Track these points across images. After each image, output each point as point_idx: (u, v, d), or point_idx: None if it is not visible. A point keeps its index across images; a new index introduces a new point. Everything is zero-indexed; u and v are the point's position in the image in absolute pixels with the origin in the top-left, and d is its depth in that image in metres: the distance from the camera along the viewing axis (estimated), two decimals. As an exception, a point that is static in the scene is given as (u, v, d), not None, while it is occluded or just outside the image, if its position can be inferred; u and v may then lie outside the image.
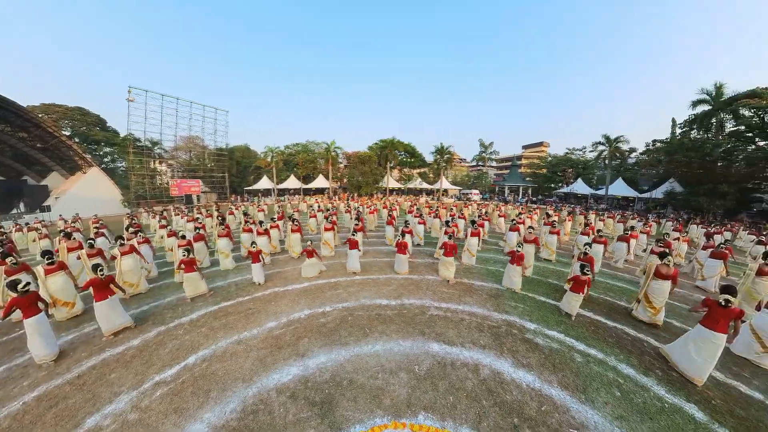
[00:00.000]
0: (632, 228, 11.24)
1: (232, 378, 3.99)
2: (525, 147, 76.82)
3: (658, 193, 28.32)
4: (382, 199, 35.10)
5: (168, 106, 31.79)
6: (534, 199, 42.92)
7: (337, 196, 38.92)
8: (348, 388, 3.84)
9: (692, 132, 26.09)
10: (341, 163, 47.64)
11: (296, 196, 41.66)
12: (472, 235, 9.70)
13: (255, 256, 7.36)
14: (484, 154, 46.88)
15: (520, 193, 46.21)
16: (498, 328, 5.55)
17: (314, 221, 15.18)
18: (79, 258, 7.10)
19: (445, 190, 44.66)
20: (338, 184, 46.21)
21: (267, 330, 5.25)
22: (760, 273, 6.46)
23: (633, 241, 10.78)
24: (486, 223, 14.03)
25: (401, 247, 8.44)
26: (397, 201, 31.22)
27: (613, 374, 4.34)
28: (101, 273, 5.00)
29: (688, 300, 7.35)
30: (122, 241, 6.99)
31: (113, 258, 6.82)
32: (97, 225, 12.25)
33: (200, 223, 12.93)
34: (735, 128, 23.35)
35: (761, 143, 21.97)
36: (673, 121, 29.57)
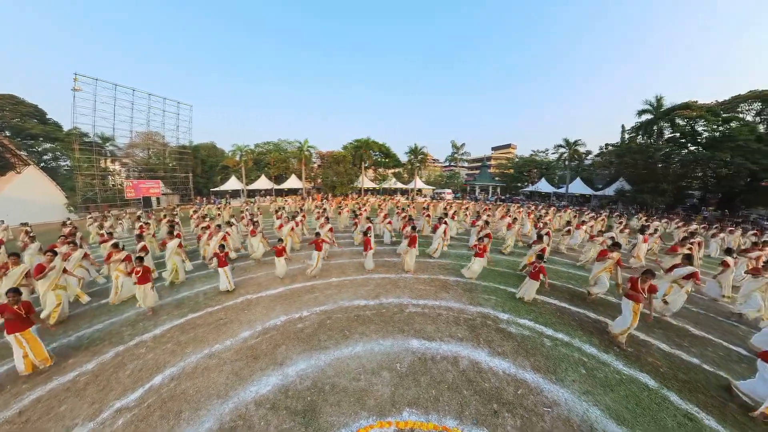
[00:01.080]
0: (568, 222, 12.81)
1: (206, 395, 3.74)
2: (494, 149, 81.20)
3: (610, 190, 31.66)
4: (357, 199, 34.91)
5: (122, 97, 28.58)
6: (503, 197, 45.21)
7: (311, 197, 37.98)
8: (330, 393, 3.78)
9: (638, 137, 29.44)
10: (315, 162, 46.50)
11: (267, 197, 39.93)
12: (435, 228, 10.48)
13: (221, 259, 6.96)
14: (456, 155, 48.60)
15: (490, 192, 48.42)
16: (473, 320, 5.77)
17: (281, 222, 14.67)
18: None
19: (419, 190, 45.52)
20: (312, 185, 45.03)
21: (241, 340, 4.99)
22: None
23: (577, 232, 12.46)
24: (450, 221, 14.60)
25: (365, 245, 8.63)
26: (368, 201, 31.13)
27: (578, 354, 4.72)
28: (14, 299, 4.12)
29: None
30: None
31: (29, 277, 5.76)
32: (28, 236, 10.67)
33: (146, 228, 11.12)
34: (672, 135, 26.98)
35: (692, 148, 25.52)
36: (623, 127, 33.19)
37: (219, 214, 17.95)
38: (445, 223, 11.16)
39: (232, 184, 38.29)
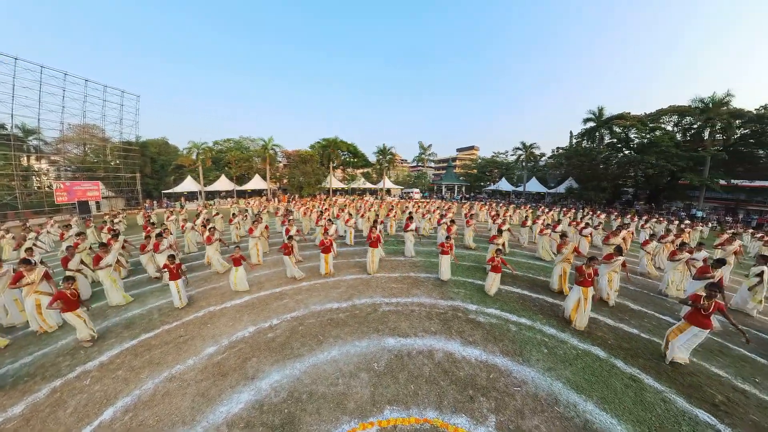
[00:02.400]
0: (526, 217, 14.32)
1: (169, 423, 3.40)
2: (459, 150, 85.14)
3: (561, 188, 35.85)
4: (326, 199, 34.19)
5: (50, 83, 23.76)
6: (467, 196, 47.51)
7: (276, 198, 36.12)
8: (308, 401, 3.66)
9: (583, 142, 34.01)
10: (280, 162, 44.31)
11: (228, 199, 36.97)
12: (405, 228, 10.48)
13: (172, 271, 6.26)
14: (423, 156, 49.89)
15: (455, 191, 50.60)
16: (445, 313, 5.99)
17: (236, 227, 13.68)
18: None
19: (388, 190, 45.84)
20: (278, 185, 42.66)
21: (206, 357, 4.63)
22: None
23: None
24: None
25: (324, 247, 8.27)
26: (335, 201, 30.57)
27: (540, 336, 5.13)
28: None
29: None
30: None
31: None
32: None
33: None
34: (610, 140, 31.92)
35: (626, 152, 30.28)
36: (571, 133, 38.02)
37: (147, 216, 15.79)
38: (411, 218, 11.46)
39: (188, 185, 34.61)
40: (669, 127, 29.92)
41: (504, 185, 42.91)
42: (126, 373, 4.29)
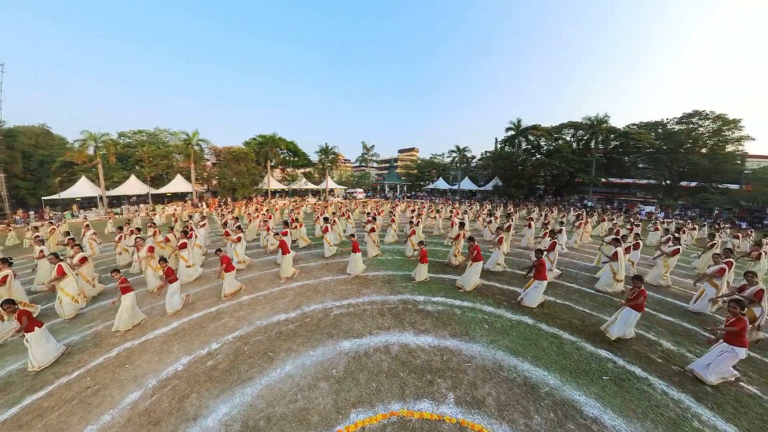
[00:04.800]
0: (438, 211, 16.84)
1: (83, 495, 2.74)
2: (400, 151, 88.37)
3: (489, 186, 42.04)
4: (263, 202, 31.40)
5: None
6: (409, 194, 49.98)
7: (204, 203, 31.13)
8: (267, 427, 3.38)
9: (506, 147, 40.15)
10: (208, 160, 38.39)
11: (142, 205, 29.88)
12: (324, 231, 10.65)
13: (21, 318, 4.64)
14: (366, 156, 50.09)
15: (398, 190, 52.46)
16: (396, 307, 6.21)
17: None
18: None
19: (332, 190, 44.68)
20: (205, 188, 36.55)
21: (128, 406, 3.83)
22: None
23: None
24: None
25: (225, 263, 7.07)
26: (263, 206, 28.09)
27: (481, 315, 5.76)
28: None
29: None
30: None
31: None
32: None
33: None
34: (526, 146, 38.56)
35: (538, 156, 37.54)
36: (496, 139, 43.85)
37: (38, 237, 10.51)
38: (334, 222, 11.57)
39: (83, 188, 26.78)
40: (568, 138, 37.69)
41: (441, 184, 46.67)
42: (8, 452, 3.28)
